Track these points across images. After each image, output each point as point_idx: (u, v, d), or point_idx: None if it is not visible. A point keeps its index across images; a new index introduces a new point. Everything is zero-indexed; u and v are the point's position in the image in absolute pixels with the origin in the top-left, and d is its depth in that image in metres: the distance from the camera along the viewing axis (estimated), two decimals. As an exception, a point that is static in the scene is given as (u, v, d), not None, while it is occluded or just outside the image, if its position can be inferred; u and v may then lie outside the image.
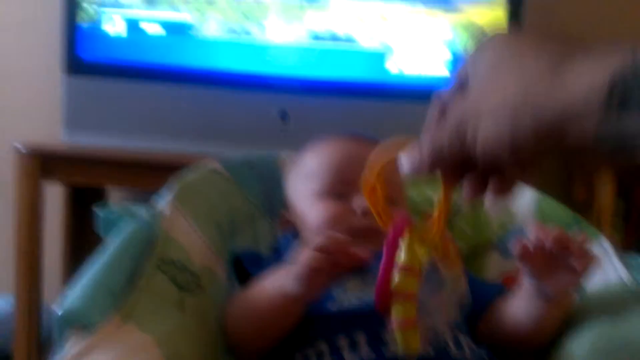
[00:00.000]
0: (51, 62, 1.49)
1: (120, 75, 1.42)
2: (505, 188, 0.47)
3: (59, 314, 0.57)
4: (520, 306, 0.71)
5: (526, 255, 0.65)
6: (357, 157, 0.84)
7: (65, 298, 0.59)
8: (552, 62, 0.40)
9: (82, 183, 1.49)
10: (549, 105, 0.39)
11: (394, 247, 0.56)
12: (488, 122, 0.42)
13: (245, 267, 0.82)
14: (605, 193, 1.53)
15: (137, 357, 0.56)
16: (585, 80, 0.38)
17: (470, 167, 0.46)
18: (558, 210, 0.87)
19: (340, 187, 0.82)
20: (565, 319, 0.71)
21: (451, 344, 0.69)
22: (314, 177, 0.85)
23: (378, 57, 1.45)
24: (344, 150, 0.86)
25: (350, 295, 0.73)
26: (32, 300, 1.41)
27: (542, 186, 0.90)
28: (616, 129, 0.37)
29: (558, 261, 0.64)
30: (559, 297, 0.67)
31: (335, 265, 0.63)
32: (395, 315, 0.54)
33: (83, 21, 1.41)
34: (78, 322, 0.57)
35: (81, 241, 1.64)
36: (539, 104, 0.39)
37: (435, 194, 0.96)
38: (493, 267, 0.90)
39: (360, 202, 0.80)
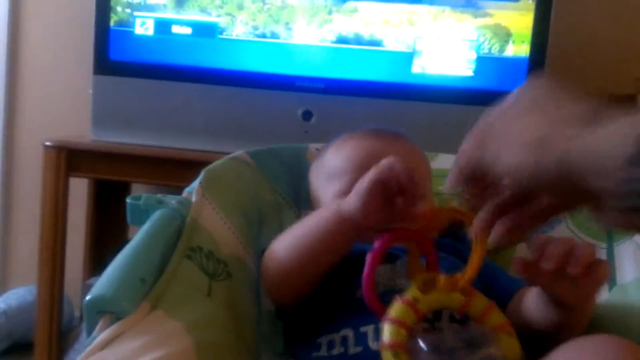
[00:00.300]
0: (83, 63, 1.52)
1: (148, 76, 1.45)
2: (527, 222, 0.51)
3: (87, 301, 0.57)
4: (537, 307, 0.69)
5: (531, 272, 0.62)
6: (379, 153, 0.83)
7: (95, 285, 0.59)
8: (586, 112, 0.42)
9: (107, 178, 1.51)
10: (575, 149, 0.40)
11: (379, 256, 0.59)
12: (516, 149, 0.44)
13: None
14: None
15: (166, 344, 0.55)
16: (614, 135, 0.38)
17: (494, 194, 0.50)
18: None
19: None
20: (585, 324, 0.69)
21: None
22: (336, 176, 0.84)
23: (403, 58, 1.45)
24: (365, 147, 0.85)
25: (379, 283, 0.72)
26: (54, 291, 1.43)
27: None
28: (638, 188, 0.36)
29: (565, 272, 0.60)
30: (574, 306, 0.64)
31: (396, 184, 0.63)
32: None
33: (114, 23, 1.43)
34: (107, 309, 0.57)
35: (104, 235, 1.67)
36: (567, 146, 0.41)
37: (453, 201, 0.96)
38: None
39: None
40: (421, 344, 0.55)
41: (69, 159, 1.40)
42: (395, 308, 0.57)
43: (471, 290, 0.58)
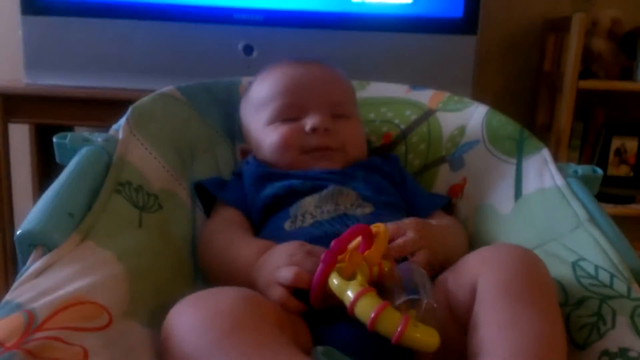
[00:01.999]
0: (11, 2, 1.46)
1: (79, 14, 1.40)
2: None
3: (18, 235, 0.58)
4: None
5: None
6: (303, 80, 0.86)
7: (25, 220, 0.60)
8: None
9: (45, 123, 1.49)
10: None
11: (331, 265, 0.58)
12: None
13: (209, 192, 0.84)
14: (565, 115, 1.57)
15: (97, 271, 0.57)
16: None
17: None
18: (505, 124, 0.90)
19: (290, 111, 0.85)
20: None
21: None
22: (263, 105, 0.87)
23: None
24: (288, 74, 0.87)
25: (307, 215, 0.76)
26: (5, 237, 1.43)
27: (504, 108, 0.93)
28: None
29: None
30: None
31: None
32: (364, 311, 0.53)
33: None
34: (38, 242, 0.58)
35: (50, 177, 1.65)
36: None
37: (395, 116, 0.99)
38: (442, 179, 0.94)
39: (312, 121, 0.83)
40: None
41: (5, 105, 1.38)
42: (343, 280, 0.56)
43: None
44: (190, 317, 0.53)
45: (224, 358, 0.49)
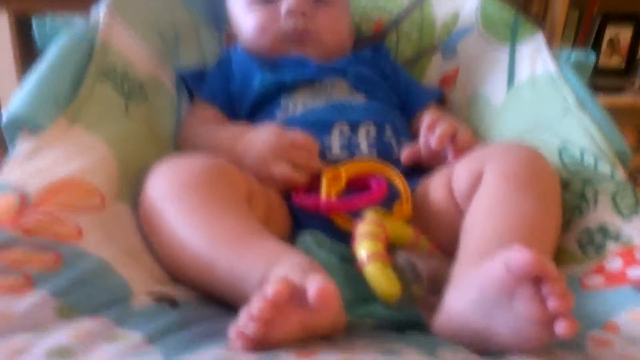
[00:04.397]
0: None
1: None
2: None
3: (6, 119, 0.58)
4: None
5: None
6: None
7: (10, 104, 0.59)
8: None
9: (23, 9, 1.42)
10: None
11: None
12: None
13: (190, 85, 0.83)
14: (560, 3, 1.53)
15: (87, 154, 0.57)
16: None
17: None
18: (500, 10, 0.88)
19: None
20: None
21: (395, 145, 0.73)
22: None
23: None
24: None
25: (299, 104, 0.76)
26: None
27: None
28: None
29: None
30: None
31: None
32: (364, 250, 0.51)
33: None
34: (25, 125, 0.58)
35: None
36: None
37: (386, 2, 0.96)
38: (434, 69, 0.93)
39: (287, 2, 0.80)
40: (400, 258, 0.54)
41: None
42: (367, 224, 0.54)
43: (418, 231, 0.59)
44: (159, 176, 0.55)
45: (182, 211, 0.52)
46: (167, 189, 0.54)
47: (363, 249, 0.51)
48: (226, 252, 0.49)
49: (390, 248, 0.53)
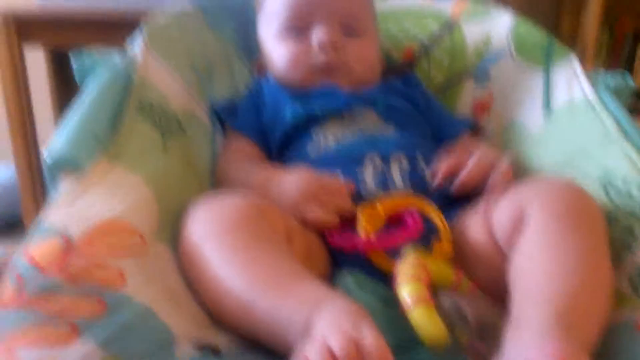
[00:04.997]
0: None
1: None
2: None
3: (48, 160, 0.58)
4: None
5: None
6: None
7: (52, 145, 0.59)
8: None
9: (59, 45, 1.46)
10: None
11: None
12: None
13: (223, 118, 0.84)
14: (591, 23, 1.51)
15: (128, 195, 0.58)
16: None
17: None
18: (533, 33, 0.87)
19: (298, 22, 0.82)
20: None
21: (428, 177, 0.72)
22: (273, 17, 0.84)
23: None
24: None
25: (330, 138, 0.76)
26: (31, 164, 1.45)
27: (528, 17, 0.89)
28: None
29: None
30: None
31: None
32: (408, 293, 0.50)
33: None
34: (67, 167, 0.58)
35: (70, 104, 1.65)
36: None
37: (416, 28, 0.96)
38: (467, 95, 0.92)
39: (318, 35, 0.80)
40: (444, 302, 0.52)
41: (19, 27, 1.35)
42: (408, 265, 0.53)
43: (459, 271, 0.57)
44: (198, 216, 0.56)
45: (223, 252, 0.52)
46: (207, 229, 0.54)
47: (406, 292, 0.50)
48: (268, 295, 0.49)
49: (432, 289, 0.52)
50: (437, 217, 0.64)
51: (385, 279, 0.55)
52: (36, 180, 1.46)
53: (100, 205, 0.55)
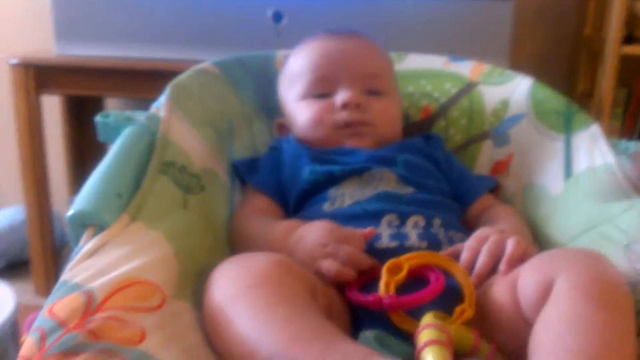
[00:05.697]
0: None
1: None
2: None
3: (71, 215, 0.60)
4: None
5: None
6: (336, 53, 0.85)
7: (76, 201, 0.61)
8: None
9: (77, 94, 1.49)
10: None
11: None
12: None
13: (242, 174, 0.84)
14: (606, 82, 1.53)
15: (148, 251, 0.58)
16: None
17: None
18: (552, 97, 0.88)
19: (322, 85, 0.84)
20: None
21: (442, 237, 0.71)
22: (296, 80, 0.86)
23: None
24: (321, 49, 0.86)
25: (346, 197, 0.76)
26: (41, 208, 1.46)
27: (543, 76, 0.91)
28: None
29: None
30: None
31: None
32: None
33: None
34: (89, 222, 0.60)
35: (82, 149, 1.68)
36: None
37: (434, 89, 0.97)
38: (486, 155, 0.92)
39: (342, 97, 0.81)
40: None
41: (37, 76, 1.38)
42: (431, 329, 0.53)
43: (477, 333, 0.57)
44: (223, 277, 0.56)
45: (256, 309, 0.51)
46: (233, 289, 0.54)
47: (431, 357, 0.49)
48: (312, 350, 0.48)
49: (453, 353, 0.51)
50: (463, 279, 0.63)
51: (403, 337, 0.55)
52: (45, 224, 1.47)
53: (121, 261, 0.56)
